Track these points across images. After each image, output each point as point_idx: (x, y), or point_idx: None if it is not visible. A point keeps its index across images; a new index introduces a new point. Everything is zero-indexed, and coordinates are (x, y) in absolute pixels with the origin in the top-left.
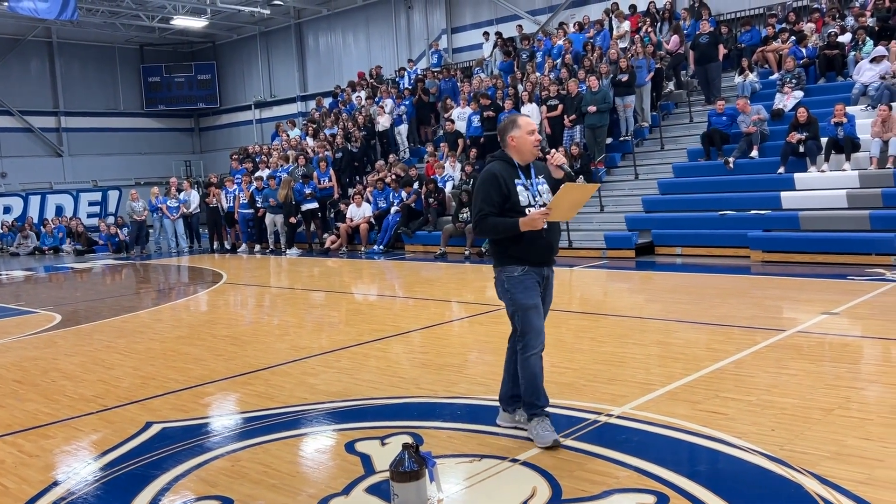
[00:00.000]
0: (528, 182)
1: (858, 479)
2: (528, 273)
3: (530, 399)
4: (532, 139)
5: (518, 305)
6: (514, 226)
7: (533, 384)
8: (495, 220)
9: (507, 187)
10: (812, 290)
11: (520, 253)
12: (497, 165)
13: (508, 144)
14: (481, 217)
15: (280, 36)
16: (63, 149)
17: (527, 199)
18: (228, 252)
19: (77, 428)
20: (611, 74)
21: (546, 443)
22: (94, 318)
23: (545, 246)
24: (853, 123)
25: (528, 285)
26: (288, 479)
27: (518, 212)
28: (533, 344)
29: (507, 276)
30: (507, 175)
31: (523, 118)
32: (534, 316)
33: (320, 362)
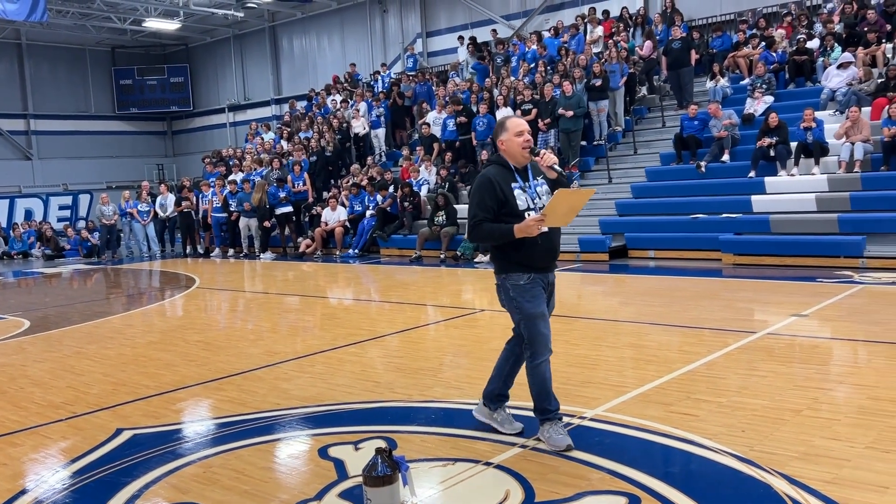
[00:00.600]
0: (526, 185)
1: (826, 479)
2: (534, 280)
3: (542, 405)
4: (520, 141)
5: (525, 315)
6: (508, 232)
7: (544, 390)
8: (490, 226)
9: (503, 192)
10: (782, 292)
11: (523, 259)
12: (492, 169)
13: (500, 148)
14: (475, 223)
15: (254, 39)
16: (32, 152)
17: (525, 202)
18: (202, 256)
19: (46, 435)
20: (585, 79)
21: (561, 446)
22: (64, 324)
23: (548, 251)
24: (822, 128)
25: (535, 293)
26: (260, 485)
27: (517, 216)
28: (541, 352)
29: (513, 285)
30: (502, 179)
31: (512, 120)
32: (541, 324)
33: (294, 367)
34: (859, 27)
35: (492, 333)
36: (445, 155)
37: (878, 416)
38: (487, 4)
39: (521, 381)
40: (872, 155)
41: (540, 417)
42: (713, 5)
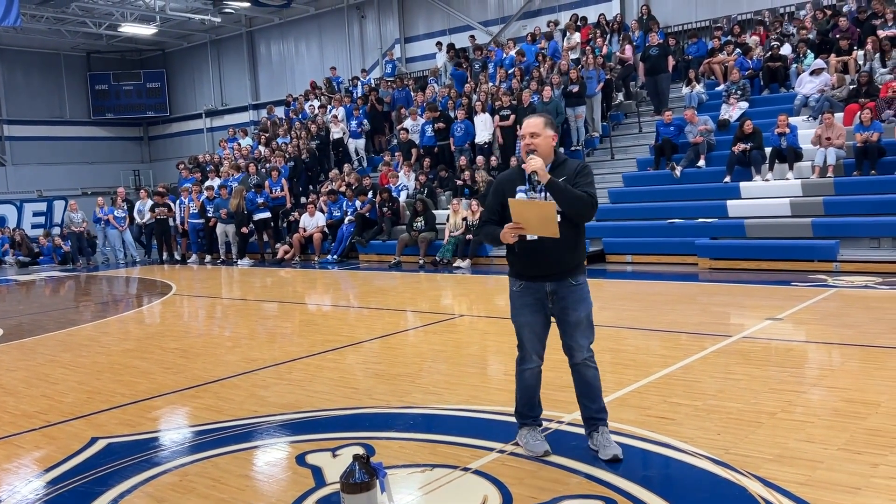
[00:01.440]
0: (530, 188)
1: (799, 481)
2: (524, 289)
3: (522, 409)
4: (522, 144)
5: (512, 320)
6: (494, 236)
7: (525, 396)
8: (488, 227)
9: (505, 195)
10: (757, 296)
11: (513, 266)
12: (507, 172)
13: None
14: (480, 223)
15: (231, 44)
16: (6, 158)
17: None
18: (178, 263)
19: (19, 445)
20: (562, 85)
21: (538, 452)
22: (38, 332)
23: (536, 261)
24: (796, 134)
25: (524, 302)
26: (238, 493)
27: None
28: (525, 358)
29: (510, 289)
30: (510, 182)
31: (525, 120)
32: (525, 333)
33: (272, 374)
34: (832, 34)
35: (470, 339)
36: (424, 161)
37: (851, 419)
38: (465, 11)
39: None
40: (845, 160)
41: (519, 421)
42: (688, 12)
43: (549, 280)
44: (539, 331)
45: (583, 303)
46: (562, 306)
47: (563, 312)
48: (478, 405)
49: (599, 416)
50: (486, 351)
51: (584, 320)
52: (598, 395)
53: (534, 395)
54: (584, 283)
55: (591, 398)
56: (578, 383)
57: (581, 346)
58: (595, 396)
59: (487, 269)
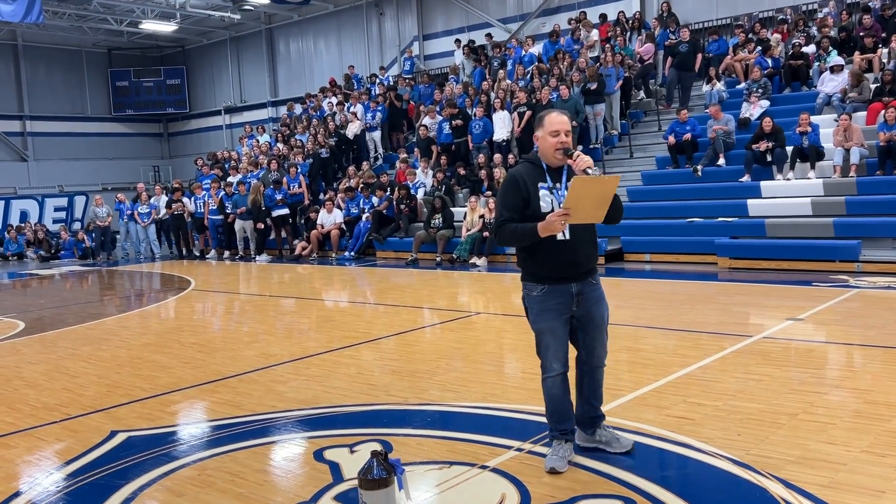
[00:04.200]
0: (556, 187)
1: (822, 483)
2: (546, 293)
3: (550, 422)
4: (553, 141)
5: (533, 327)
6: (533, 232)
7: (552, 406)
8: (514, 226)
9: (528, 191)
10: (778, 296)
11: (536, 268)
12: (521, 167)
13: (536, 144)
14: (500, 224)
15: (251, 41)
16: (28, 153)
17: (549, 205)
18: (197, 258)
19: (40, 437)
20: (581, 83)
21: (546, 466)
22: (59, 326)
23: (565, 260)
24: (817, 132)
25: (547, 307)
26: (255, 488)
27: (539, 219)
28: (548, 367)
29: (527, 294)
30: (529, 178)
31: (551, 116)
32: (548, 339)
33: (290, 370)
34: (855, 32)
35: (487, 336)
36: (441, 158)
37: (874, 421)
38: (484, 8)
39: (520, 384)
40: (868, 159)
41: (549, 434)
42: (709, 10)
43: (574, 281)
44: (562, 336)
45: (604, 301)
46: (587, 307)
47: (587, 313)
48: (495, 403)
49: (602, 413)
50: (503, 349)
51: (606, 319)
52: (602, 395)
53: (560, 405)
54: (599, 281)
55: (598, 398)
56: (589, 384)
57: (603, 345)
58: (601, 396)
59: (504, 268)
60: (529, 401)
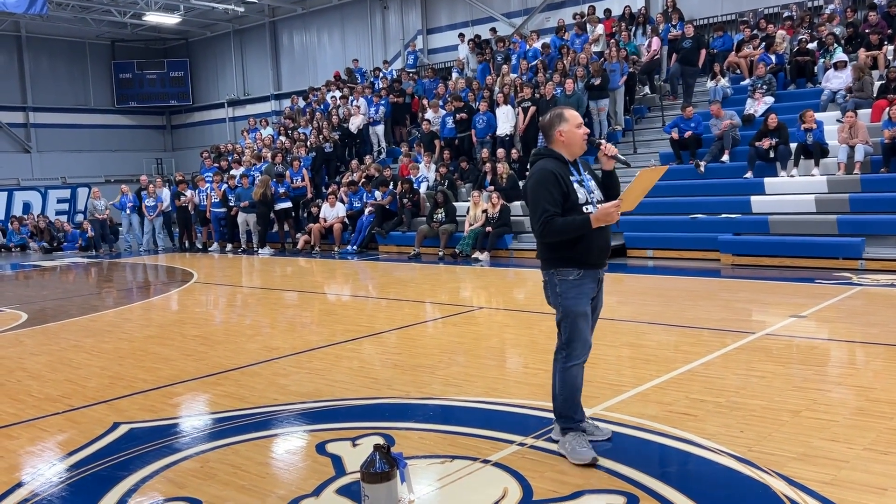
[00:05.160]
0: (581, 178)
1: (824, 480)
2: (584, 277)
3: (567, 412)
4: (581, 133)
5: (567, 312)
6: (585, 223)
7: (572, 397)
8: (563, 220)
9: (566, 184)
10: (780, 293)
11: (578, 255)
12: (550, 163)
13: (556, 139)
14: (547, 219)
15: (254, 34)
16: (31, 145)
17: (583, 196)
18: (200, 251)
19: (42, 428)
20: (585, 78)
21: (585, 460)
22: (62, 317)
23: (604, 246)
24: (822, 129)
25: (584, 291)
26: (258, 481)
27: (577, 210)
28: (577, 354)
29: (561, 280)
30: (562, 172)
31: (570, 111)
32: (582, 324)
33: (292, 363)
34: (861, 28)
35: (489, 331)
36: (445, 153)
37: (877, 418)
38: (488, 2)
39: (522, 379)
40: (872, 157)
41: (562, 426)
42: (714, 5)
43: (602, 266)
44: (590, 321)
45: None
46: (600, 294)
47: (599, 300)
48: (497, 398)
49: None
50: (505, 344)
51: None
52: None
53: (578, 395)
54: None
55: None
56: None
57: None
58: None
59: (507, 262)
60: (531, 396)
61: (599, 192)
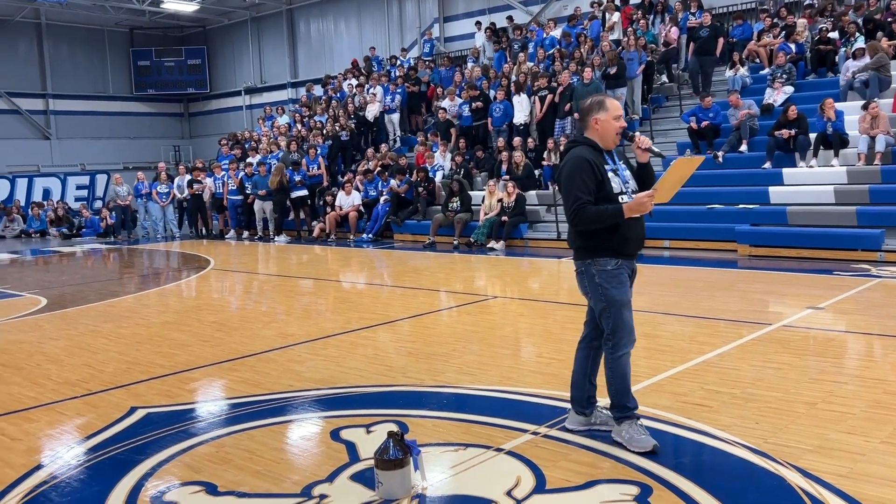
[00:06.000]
0: (616, 167)
1: (840, 473)
2: (621, 266)
3: (622, 401)
4: (617, 125)
5: (612, 301)
6: (618, 213)
7: (623, 386)
8: (596, 209)
9: (601, 173)
10: (798, 284)
11: (614, 245)
12: (585, 150)
13: (590, 126)
14: (580, 207)
15: (271, 22)
16: (51, 131)
17: (618, 185)
18: (216, 238)
19: (61, 412)
20: (602, 67)
21: (646, 447)
22: (80, 302)
23: (639, 237)
24: (842, 119)
25: (622, 280)
26: (272, 466)
27: (611, 200)
28: (624, 343)
29: (599, 270)
30: (597, 160)
31: (612, 101)
32: (627, 312)
33: (307, 350)
34: (882, 17)
35: (504, 320)
36: (460, 141)
37: (894, 411)
38: None
39: (536, 368)
40: (893, 147)
41: (617, 416)
42: None
43: (636, 256)
44: (632, 310)
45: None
46: (631, 284)
47: (631, 290)
48: (511, 387)
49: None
50: (519, 333)
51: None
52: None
53: (629, 385)
54: None
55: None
56: (596, 362)
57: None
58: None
59: (522, 252)
60: (545, 385)
61: (634, 183)
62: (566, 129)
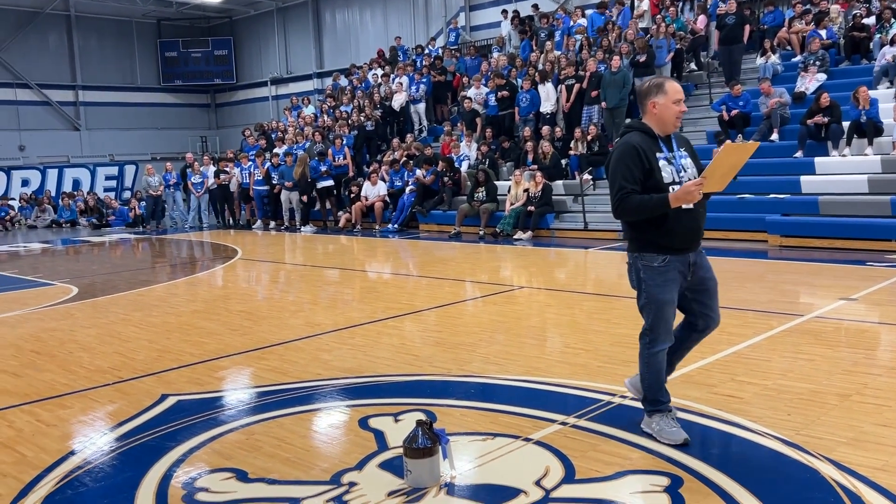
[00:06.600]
0: (672, 155)
1: (876, 466)
2: (669, 263)
3: (654, 396)
4: (677, 110)
5: (652, 299)
6: (662, 203)
7: (658, 381)
8: (640, 198)
9: (649, 161)
10: (830, 275)
11: (661, 238)
12: (636, 136)
13: (648, 111)
14: (623, 196)
15: (297, 12)
16: (80, 123)
17: (670, 175)
18: (243, 228)
19: (93, 399)
20: (630, 55)
21: (676, 440)
22: (111, 291)
23: (691, 229)
24: (876, 107)
25: (669, 278)
26: (302, 454)
27: (660, 190)
28: (662, 340)
29: (645, 266)
30: (647, 147)
31: (673, 84)
32: (668, 311)
33: (334, 339)
34: None
35: (530, 310)
36: (486, 131)
37: None
38: None
39: (562, 359)
40: None
41: (648, 409)
42: None
43: (692, 251)
44: (676, 307)
45: (712, 268)
46: (700, 276)
47: (702, 282)
48: (538, 377)
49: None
50: (546, 323)
51: (717, 284)
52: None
53: (664, 380)
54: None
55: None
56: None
57: (718, 311)
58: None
59: (548, 242)
60: (573, 375)
61: (694, 173)
62: (593, 118)
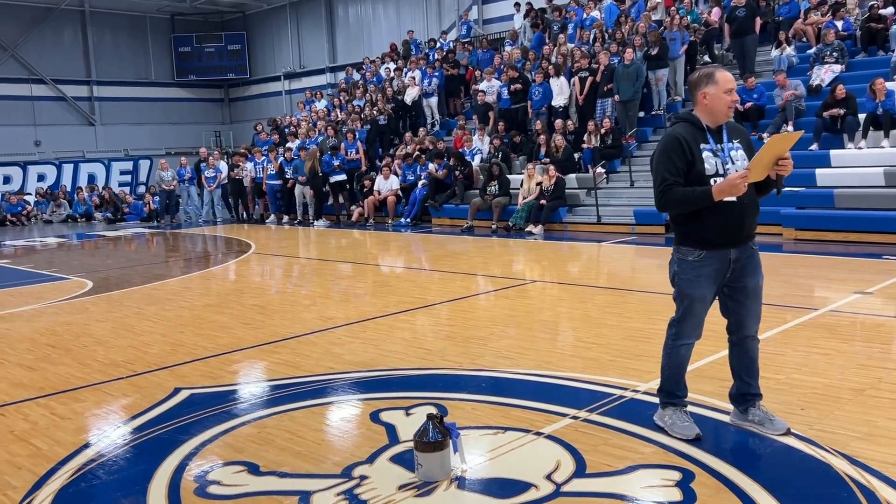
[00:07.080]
0: (718, 147)
1: (890, 461)
2: (705, 259)
3: (670, 388)
4: (728, 100)
5: (682, 293)
6: (705, 196)
7: (677, 374)
8: (682, 190)
9: (692, 153)
10: (845, 269)
11: (697, 231)
12: (680, 128)
13: (699, 102)
14: (665, 188)
15: (310, 6)
16: (95, 118)
17: (714, 167)
18: (257, 222)
19: (107, 392)
20: (643, 48)
21: (689, 435)
22: (125, 286)
23: (731, 223)
24: (893, 99)
25: (703, 274)
26: (313, 447)
27: (702, 182)
28: (688, 334)
29: (680, 259)
30: (691, 139)
31: (723, 73)
32: (698, 307)
33: (346, 333)
34: None
35: (542, 304)
36: (499, 124)
37: None
38: None
39: (575, 353)
40: None
41: (664, 400)
42: None
43: (734, 246)
44: (708, 304)
45: (760, 269)
46: (741, 274)
47: (741, 280)
48: (550, 371)
49: (758, 392)
50: (558, 317)
51: (762, 287)
52: (758, 371)
53: (682, 372)
54: (756, 247)
55: (751, 373)
56: (741, 358)
57: (756, 316)
58: (755, 372)
59: (561, 236)
60: (585, 370)
61: (744, 165)
62: (607, 111)
